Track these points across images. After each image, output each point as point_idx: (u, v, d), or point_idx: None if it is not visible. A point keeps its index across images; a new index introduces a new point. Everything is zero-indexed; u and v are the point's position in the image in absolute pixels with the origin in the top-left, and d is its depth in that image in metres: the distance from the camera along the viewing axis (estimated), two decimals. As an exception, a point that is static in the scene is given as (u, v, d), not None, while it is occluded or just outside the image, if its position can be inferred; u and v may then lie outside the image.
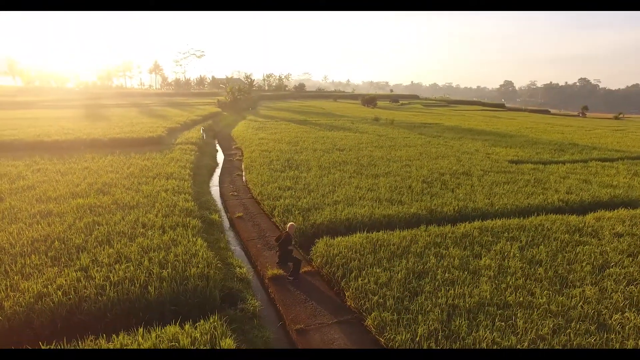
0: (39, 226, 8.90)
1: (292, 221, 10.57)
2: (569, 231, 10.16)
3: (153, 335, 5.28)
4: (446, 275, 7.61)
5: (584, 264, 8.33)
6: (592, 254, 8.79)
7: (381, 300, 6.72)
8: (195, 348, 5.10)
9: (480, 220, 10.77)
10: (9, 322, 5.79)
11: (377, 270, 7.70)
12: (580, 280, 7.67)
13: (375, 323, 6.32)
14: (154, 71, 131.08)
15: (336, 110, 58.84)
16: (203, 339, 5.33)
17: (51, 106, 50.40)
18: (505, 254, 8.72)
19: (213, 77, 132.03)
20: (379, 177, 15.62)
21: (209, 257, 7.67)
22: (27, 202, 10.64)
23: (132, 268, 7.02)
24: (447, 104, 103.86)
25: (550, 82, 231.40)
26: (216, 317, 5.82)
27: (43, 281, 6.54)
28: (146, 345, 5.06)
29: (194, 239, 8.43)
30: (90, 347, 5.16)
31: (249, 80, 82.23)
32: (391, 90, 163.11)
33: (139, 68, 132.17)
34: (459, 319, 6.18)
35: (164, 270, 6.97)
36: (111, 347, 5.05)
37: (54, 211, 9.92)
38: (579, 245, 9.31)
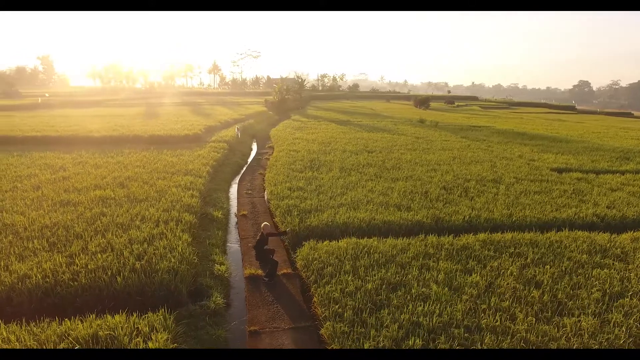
0: (54, 214, 9.79)
1: (289, 222, 10.55)
2: (590, 251, 8.97)
3: (94, 323, 5.55)
4: (422, 289, 7.09)
5: (593, 290, 7.29)
6: (609, 280, 7.67)
7: (340, 310, 6.43)
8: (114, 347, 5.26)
9: (488, 233, 9.90)
10: (-7, 297, 6.42)
11: (349, 278, 7.40)
12: (581, 309, 6.71)
13: (327, 333, 6.08)
14: (213, 71, 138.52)
15: (384, 111, 57.77)
16: (144, 330, 5.49)
17: (117, 105, 55.41)
18: (502, 271, 7.91)
19: (268, 77, 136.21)
20: (398, 181, 15.02)
21: (186, 253, 7.89)
22: (56, 191, 11.76)
23: (110, 257, 7.44)
24: (508, 105, 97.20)
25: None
26: (164, 311, 5.96)
27: (32, 264, 7.16)
28: (84, 332, 5.32)
29: (181, 234, 8.73)
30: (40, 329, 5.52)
31: (300, 80, 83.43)
32: (449, 92, 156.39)
33: (199, 68, 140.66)
34: (415, 339, 5.72)
35: (137, 262, 7.31)
36: (58, 330, 5.38)
37: (73, 201, 10.86)
38: (596, 268, 8.17)
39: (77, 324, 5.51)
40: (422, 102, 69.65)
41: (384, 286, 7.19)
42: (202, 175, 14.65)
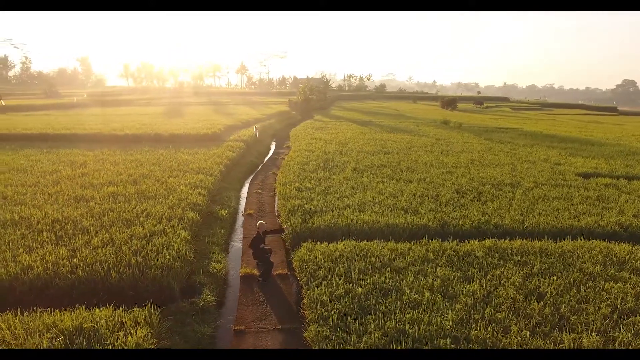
0: (67, 209, 10.22)
1: (292, 223, 10.53)
2: (605, 263, 8.40)
3: (81, 316, 5.72)
4: (414, 296, 6.86)
5: (601, 305, 6.81)
6: (622, 295, 7.14)
7: (326, 313, 6.33)
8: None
9: (496, 239, 9.48)
10: (-1, 285, 6.77)
11: (340, 281, 7.27)
12: (585, 325, 6.28)
13: (310, 336, 5.99)
14: (241, 71, 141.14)
15: (409, 112, 56.84)
16: (128, 324, 5.61)
17: (145, 104, 57.53)
18: (503, 280, 7.54)
19: (295, 77, 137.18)
20: (410, 183, 14.69)
21: (182, 250, 8.03)
22: (74, 187, 12.29)
23: (109, 252, 7.68)
24: (541, 107, 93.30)
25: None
26: (150, 306, 6.07)
27: (37, 256, 7.50)
28: (70, 324, 5.50)
29: (180, 232, 8.89)
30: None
31: (325, 80, 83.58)
32: (478, 92, 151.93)
33: (227, 69, 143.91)
34: (398, 347, 5.53)
35: (134, 257, 7.50)
36: (47, 320, 5.59)
37: (87, 196, 11.31)
38: (609, 282, 7.63)
39: (66, 316, 5.70)
40: (449, 103, 67.99)
41: (375, 291, 7.02)
42: (214, 174, 14.89)
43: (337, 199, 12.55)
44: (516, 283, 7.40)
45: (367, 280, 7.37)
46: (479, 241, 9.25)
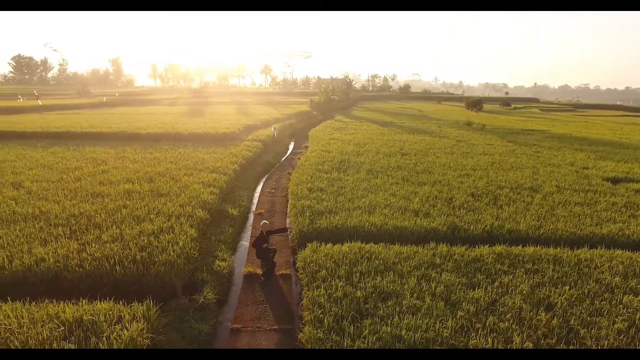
0: (84, 204, 10.62)
1: (300, 223, 10.52)
2: (625, 274, 7.92)
3: (82, 308, 5.91)
4: (415, 301, 6.69)
5: (617, 319, 6.42)
6: (641, 308, 6.70)
7: (322, 315, 6.26)
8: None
9: (507, 245, 9.12)
10: (13, 276, 7.10)
11: (340, 283, 7.18)
12: (596, 340, 5.93)
13: (305, 338, 5.95)
14: (265, 72, 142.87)
15: (432, 113, 55.82)
16: (126, 318, 5.75)
17: (170, 103, 59.09)
18: (511, 288, 7.24)
19: (318, 77, 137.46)
20: (424, 185, 14.39)
21: (187, 247, 8.16)
22: (93, 184, 12.75)
23: (117, 247, 7.90)
24: (573, 108, 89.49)
25: None
26: (149, 301, 6.20)
27: (50, 249, 7.81)
28: (70, 315, 5.68)
29: (188, 229, 9.05)
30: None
31: (348, 80, 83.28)
32: (506, 93, 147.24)
33: (252, 69, 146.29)
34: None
35: (139, 253, 7.68)
36: (51, 310, 5.81)
37: (104, 193, 11.71)
38: (628, 295, 7.19)
39: (68, 307, 5.90)
40: (474, 104, 66.34)
41: (374, 295, 6.90)
42: (227, 173, 15.09)
43: (348, 200, 12.44)
44: (524, 292, 7.08)
45: (368, 283, 7.25)
46: (489, 247, 8.93)
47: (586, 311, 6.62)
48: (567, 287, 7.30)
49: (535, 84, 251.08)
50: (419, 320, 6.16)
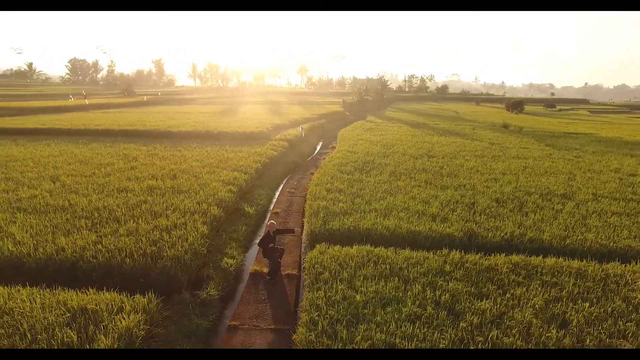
0: (109, 199, 11.18)
1: (313, 224, 10.49)
2: (658, 292, 7.21)
3: (88, 297, 6.20)
4: (416, 309, 6.45)
5: (640, 341, 5.85)
6: (671, 331, 6.07)
7: (317, 318, 6.18)
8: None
9: (526, 255, 8.59)
10: (36, 263, 7.60)
11: (341, 286, 7.07)
12: (612, 361, 5.43)
13: (298, 339, 5.90)
14: (300, 72, 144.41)
15: (468, 115, 53.96)
16: (127, 309, 5.98)
17: (206, 102, 61.15)
18: (523, 301, 6.80)
19: (354, 77, 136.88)
20: (447, 189, 13.90)
21: (196, 243, 8.35)
22: (120, 179, 13.41)
23: (131, 241, 8.23)
24: (629, 109, 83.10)
25: None
26: (151, 294, 6.40)
27: (71, 240, 8.28)
28: (76, 303, 5.98)
29: (200, 226, 9.27)
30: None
31: (383, 80, 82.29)
32: (552, 94, 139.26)
33: (288, 69, 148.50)
34: (382, 361, 5.22)
35: (150, 247, 7.97)
36: (60, 297, 6.15)
37: (129, 188, 12.27)
38: (659, 315, 6.53)
39: (75, 296, 6.23)
40: (515, 105, 63.36)
41: (375, 300, 6.72)
42: (249, 171, 15.33)
43: (365, 202, 12.26)
44: (537, 306, 6.63)
45: (370, 287, 7.08)
46: (505, 255, 8.45)
47: (606, 332, 6.09)
48: (588, 304, 6.75)
49: (586, 84, 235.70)
50: (417, 329, 5.93)
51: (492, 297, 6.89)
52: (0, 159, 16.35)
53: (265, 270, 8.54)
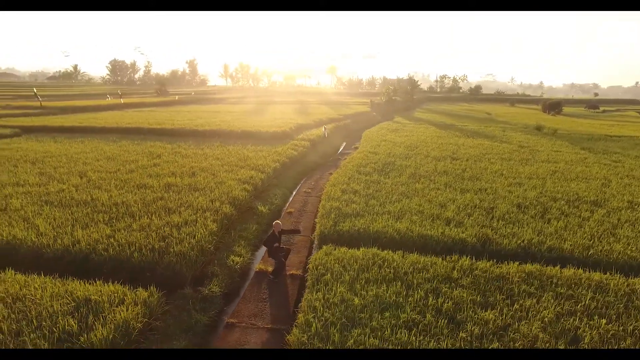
0: (128, 194, 11.62)
1: (324, 225, 10.44)
2: (688, 310, 6.61)
3: (93, 288, 6.45)
4: (415, 315, 6.26)
5: (659, 363, 5.36)
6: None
7: (312, 320, 6.12)
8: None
9: (542, 264, 8.13)
10: (54, 253, 8.01)
11: (341, 288, 6.97)
12: (623, 383, 5.02)
13: (291, 340, 5.87)
14: (330, 72, 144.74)
15: (501, 116, 51.99)
16: (128, 301, 6.18)
17: (235, 102, 62.38)
18: (532, 313, 6.43)
19: (384, 77, 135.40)
20: (467, 192, 13.44)
21: (203, 240, 8.51)
22: (142, 175, 13.91)
23: (141, 236, 8.51)
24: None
25: None
26: (153, 288, 6.58)
27: (87, 233, 8.67)
28: (81, 293, 6.24)
29: (210, 223, 9.44)
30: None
31: (413, 81, 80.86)
32: (595, 94, 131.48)
33: (318, 69, 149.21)
34: (372, 368, 5.09)
35: (158, 243, 8.19)
36: (68, 287, 6.44)
37: (148, 184, 12.70)
38: (685, 335, 5.99)
39: (80, 286, 6.50)
40: (552, 106, 60.38)
41: (373, 304, 6.57)
42: (266, 171, 15.47)
43: (380, 204, 12.06)
44: (547, 319, 6.25)
45: (370, 291, 6.94)
46: (519, 264, 8.03)
47: (622, 349, 5.64)
48: (605, 321, 6.29)
49: (638, 83, 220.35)
50: (413, 336, 5.75)
51: (499, 308, 6.56)
52: (38, 155, 17.39)
53: (270, 269, 8.58)
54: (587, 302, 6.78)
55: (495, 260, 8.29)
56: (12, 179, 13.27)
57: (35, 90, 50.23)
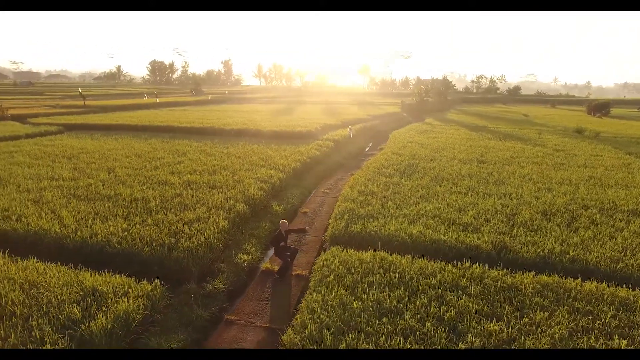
0: (148, 190, 12.06)
1: (335, 226, 10.36)
2: None
3: (101, 279, 6.74)
4: (413, 323, 6.04)
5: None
6: None
7: (308, 321, 6.06)
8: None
9: (561, 276, 7.61)
10: (73, 244, 8.45)
11: (341, 291, 6.86)
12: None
13: (285, 341, 5.85)
14: (363, 72, 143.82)
15: (539, 118, 49.46)
16: (132, 294, 6.40)
17: (267, 102, 63.30)
18: (542, 328, 6.03)
19: (418, 78, 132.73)
20: (490, 197, 12.88)
21: (212, 237, 8.67)
22: (165, 172, 14.41)
23: (154, 231, 8.79)
24: None
25: None
26: (157, 282, 6.78)
27: (105, 226, 9.08)
28: (88, 283, 6.53)
29: (221, 221, 9.61)
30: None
31: (446, 81, 78.72)
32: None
33: (351, 69, 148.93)
34: (360, 375, 4.97)
35: (168, 238, 8.43)
36: (80, 277, 6.76)
37: (169, 181, 13.13)
38: None
39: (88, 276, 6.81)
40: (598, 107, 56.73)
41: (372, 309, 6.42)
42: (286, 170, 15.56)
43: (396, 207, 11.81)
44: (557, 335, 5.84)
45: (371, 295, 6.79)
46: (535, 274, 7.57)
47: (640, 374, 5.17)
48: (626, 342, 5.79)
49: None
50: (408, 344, 5.56)
51: (505, 320, 6.21)
52: (75, 151, 18.46)
53: (277, 268, 8.60)
54: (607, 319, 6.28)
55: (509, 270, 7.87)
56: (49, 173, 14.15)
57: (80, 90, 53.41)
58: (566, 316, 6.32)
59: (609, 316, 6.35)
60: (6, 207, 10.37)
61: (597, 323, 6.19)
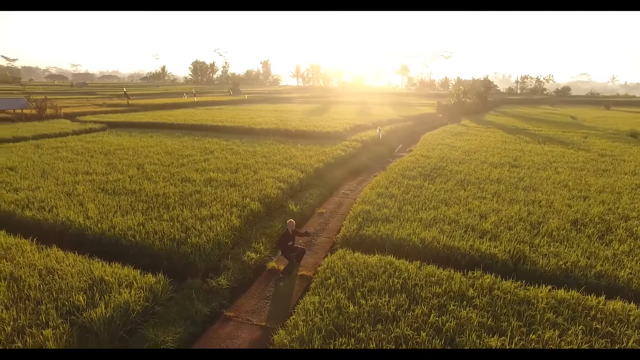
0: (171, 187, 12.52)
1: (347, 227, 10.24)
2: None
3: (110, 270, 7.06)
4: (408, 332, 5.81)
5: None
6: None
7: (300, 323, 6.01)
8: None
9: (583, 292, 7.02)
10: (93, 235, 8.93)
11: (340, 294, 6.74)
12: None
13: (276, 341, 5.83)
14: (401, 72, 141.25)
15: (588, 121, 46.13)
16: (136, 285, 6.66)
17: (303, 101, 63.69)
18: (550, 346, 5.59)
19: (458, 78, 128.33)
20: (516, 203, 12.20)
21: (220, 235, 8.83)
22: (190, 170, 14.89)
23: (167, 226, 9.09)
24: None
25: None
26: (161, 275, 7.01)
27: (123, 220, 9.51)
28: (97, 273, 6.86)
29: (234, 219, 9.78)
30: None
31: (487, 81, 75.53)
32: None
33: (389, 70, 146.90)
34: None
35: (179, 234, 8.69)
36: (91, 266, 7.12)
37: (191, 178, 13.55)
38: None
39: (97, 266, 7.16)
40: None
41: (370, 315, 6.25)
42: (307, 170, 15.58)
43: (414, 211, 11.49)
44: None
45: (370, 301, 6.62)
46: (552, 289, 7.04)
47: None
48: (645, 367, 5.23)
49: None
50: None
51: (510, 335, 5.82)
52: (111, 147, 19.55)
53: (282, 268, 8.61)
54: (629, 344, 5.71)
55: (524, 282, 7.37)
56: (85, 168, 15.09)
57: (125, 90, 56.54)
58: (580, 336, 5.83)
59: (631, 341, 5.78)
60: (43, 199, 11.16)
61: (614, 345, 5.65)
